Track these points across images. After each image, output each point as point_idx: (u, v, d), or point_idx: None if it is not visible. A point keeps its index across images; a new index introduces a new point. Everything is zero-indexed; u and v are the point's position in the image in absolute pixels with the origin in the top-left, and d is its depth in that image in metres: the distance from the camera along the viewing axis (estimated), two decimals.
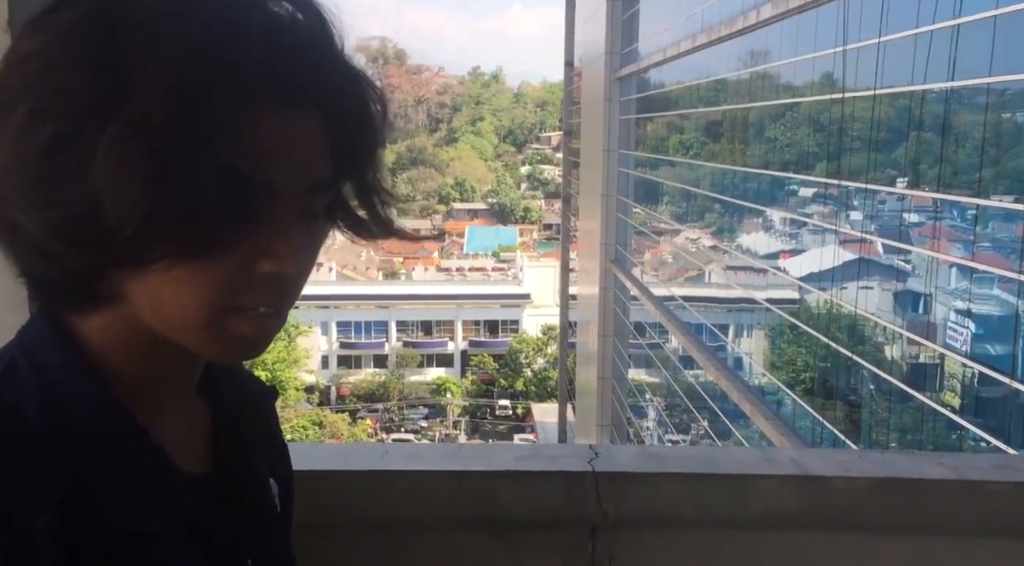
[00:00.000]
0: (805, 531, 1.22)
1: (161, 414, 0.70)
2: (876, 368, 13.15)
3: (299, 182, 0.64)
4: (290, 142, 0.63)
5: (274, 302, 0.66)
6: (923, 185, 12.22)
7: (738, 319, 20.20)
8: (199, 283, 0.62)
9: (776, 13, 16.85)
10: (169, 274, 0.61)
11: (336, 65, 0.66)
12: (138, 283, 0.63)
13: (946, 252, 11.77)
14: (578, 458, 1.23)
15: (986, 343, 10.94)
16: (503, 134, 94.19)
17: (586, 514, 1.20)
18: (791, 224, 17.12)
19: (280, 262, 0.64)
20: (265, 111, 0.61)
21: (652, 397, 26.78)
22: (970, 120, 11.23)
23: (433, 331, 50.16)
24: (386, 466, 1.22)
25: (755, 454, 1.31)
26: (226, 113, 0.59)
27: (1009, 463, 1.26)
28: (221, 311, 0.64)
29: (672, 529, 1.22)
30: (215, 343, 0.66)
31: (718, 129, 22.07)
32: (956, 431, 11.10)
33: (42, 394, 0.64)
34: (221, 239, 0.61)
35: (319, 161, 0.66)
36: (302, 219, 0.66)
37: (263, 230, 0.63)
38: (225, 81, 0.59)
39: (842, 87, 14.40)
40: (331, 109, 0.65)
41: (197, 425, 0.76)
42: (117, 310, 0.66)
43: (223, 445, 0.77)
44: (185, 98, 0.58)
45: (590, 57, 37.31)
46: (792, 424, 15.70)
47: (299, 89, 0.62)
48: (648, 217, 28.54)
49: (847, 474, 1.20)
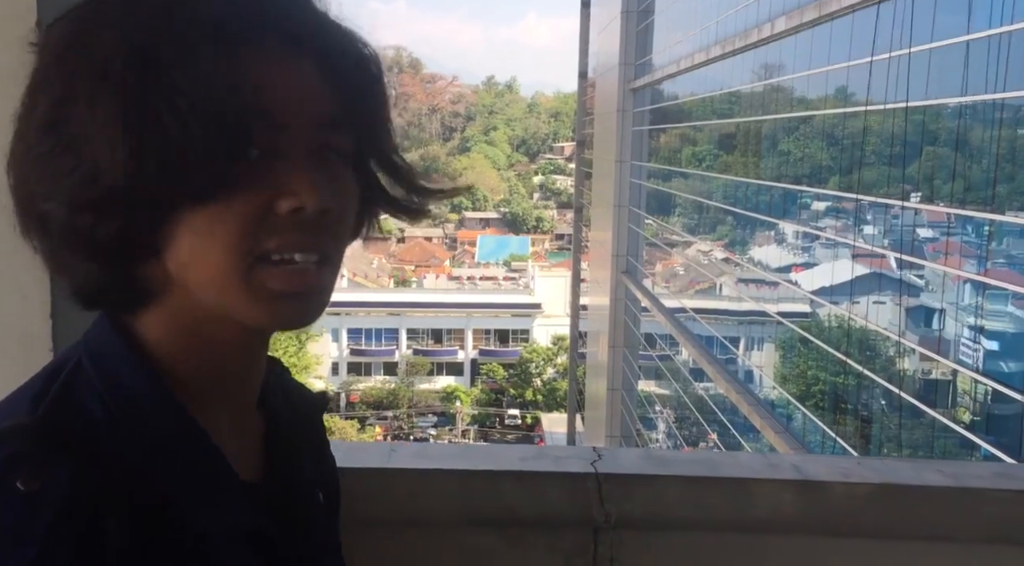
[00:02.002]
0: (805, 535, 1.23)
1: (220, 422, 0.70)
2: (888, 383, 13.07)
3: (302, 117, 0.64)
4: (282, 77, 0.63)
5: (307, 245, 0.64)
6: (937, 200, 12.18)
7: (749, 332, 20.13)
8: (221, 230, 0.62)
9: (790, 26, 16.85)
10: (192, 228, 0.62)
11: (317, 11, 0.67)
12: (172, 251, 0.63)
13: (960, 268, 11.71)
14: (582, 460, 1.25)
15: (999, 360, 10.87)
16: (516, 144, 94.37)
17: (589, 515, 1.21)
18: (804, 237, 17.08)
19: (299, 198, 0.63)
20: (244, 47, 0.62)
21: (662, 409, 26.69)
22: (985, 135, 11.19)
23: (443, 339, 50.17)
24: (393, 464, 1.24)
25: (757, 459, 1.32)
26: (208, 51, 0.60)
27: (1008, 471, 1.27)
28: (249, 257, 0.63)
29: (673, 531, 1.24)
30: (256, 302, 0.64)
31: (731, 141, 22.05)
32: (968, 448, 11.02)
33: (107, 396, 0.64)
34: (227, 176, 0.61)
35: (320, 98, 0.65)
36: (317, 156, 0.65)
37: (276, 168, 0.63)
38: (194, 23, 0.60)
39: (859, 101, 14.38)
40: (322, 50, 0.66)
41: (252, 435, 0.76)
42: (165, 303, 0.66)
43: (275, 455, 0.77)
44: (146, 44, 0.59)
45: (604, 68, 37.37)
46: (802, 438, 15.62)
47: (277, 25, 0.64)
48: (660, 229, 28.51)
49: (847, 480, 1.21)
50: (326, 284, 0.67)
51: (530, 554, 1.24)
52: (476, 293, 54.46)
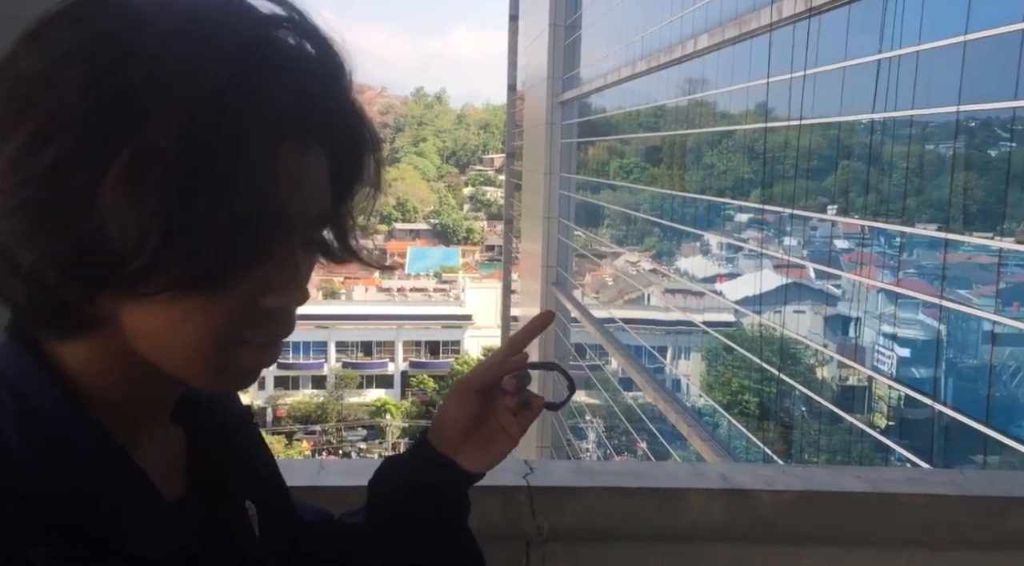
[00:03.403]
0: (732, 543, 1.26)
1: (139, 439, 0.68)
2: (808, 390, 13.49)
3: (308, 216, 0.64)
4: (303, 177, 0.62)
5: (284, 333, 0.65)
6: (852, 212, 12.66)
7: (676, 341, 20.52)
8: (203, 317, 0.60)
9: (712, 43, 17.33)
10: (172, 306, 0.59)
11: (348, 101, 0.66)
12: (134, 313, 0.61)
13: (874, 278, 12.18)
14: (513, 473, 1.25)
15: (911, 366, 11.32)
16: (446, 155, 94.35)
17: (521, 528, 1.21)
18: (728, 248, 17.52)
19: (286, 295, 0.63)
20: (282, 148, 0.60)
21: (592, 418, 26.95)
22: (897, 150, 11.69)
23: (373, 352, 49.64)
24: (322, 482, 1.23)
25: (685, 468, 1.35)
26: (247, 151, 0.57)
27: (921, 476, 1.32)
28: (223, 344, 0.62)
29: (605, 542, 1.25)
30: (213, 375, 0.64)
31: (658, 154, 22.51)
32: (883, 452, 11.44)
33: (24, 422, 0.62)
34: (230, 274, 0.60)
35: (324, 193, 0.65)
36: (304, 251, 0.65)
37: (270, 264, 0.62)
38: (248, 118, 0.57)
39: (778, 116, 14.86)
40: (337, 143, 0.65)
41: (172, 449, 0.74)
42: (102, 336, 0.63)
43: (199, 470, 0.75)
44: (204, 133, 0.56)
45: (533, 81, 37.73)
46: (728, 445, 15.97)
47: (316, 126, 0.62)
48: (589, 240, 28.87)
49: (771, 487, 1.24)
50: (275, 358, 0.67)
51: None
52: (406, 305, 54.10)
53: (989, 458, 9.46)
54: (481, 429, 0.91)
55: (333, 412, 45.58)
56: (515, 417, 0.91)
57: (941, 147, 10.87)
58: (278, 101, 0.58)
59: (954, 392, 10.38)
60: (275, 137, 0.59)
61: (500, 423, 0.91)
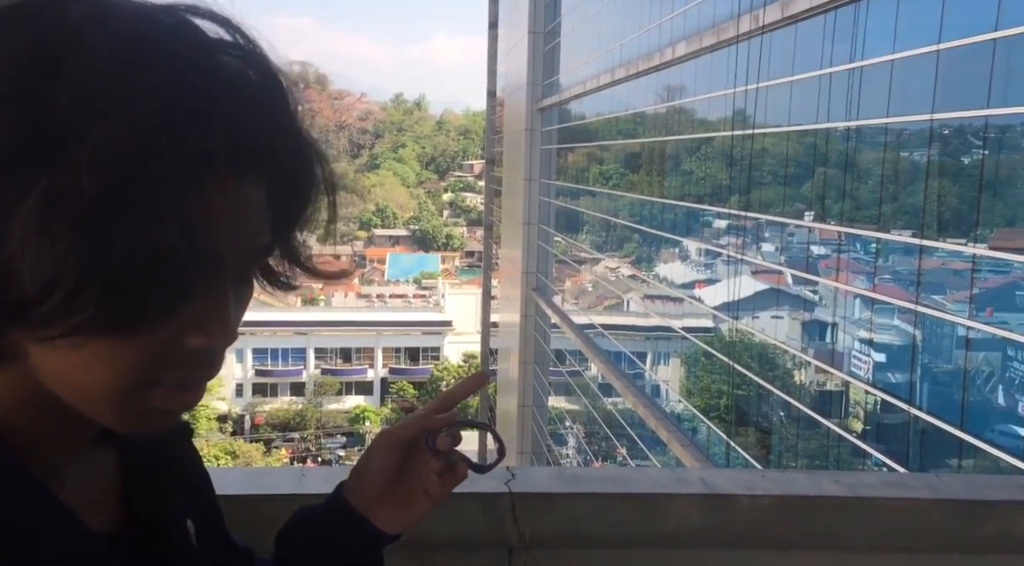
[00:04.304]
0: (713, 548, 1.27)
1: (65, 468, 0.63)
2: (785, 395, 13.59)
3: (240, 252, 0.59)
4: (236, 213, 0.57)
5: (206, 375, 0.61)
6: (829, 219, 12.79)
7: (656, 347, 20.60)
8: (117, 358, 0.56)
9: (690, 50, 17.45)
10: (81, 348, 0.54)
11: (290, 132, 0.61)
12: (43, 350, 0.55)
13: (850, 283, 12.30)
14: (496, 479, 1.25)
15: (887, 371, 11.44)
16: (425, 161, 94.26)
17: (503, 535, 1.22)
18: (706, 255, 17.63)
19: (212, 337, 0.58)
20: (214, 181, 0.55)
21: (572, 424, 26.96)
22: (872, 158, 11.83)
23: (352, 358, 49.41)
24: (303, 490, 1.22)
25: (666, 474, 1.36)
26: (173, 186, 0.52)
27: (899, 480, 1.34)
28: (139, 386, 0.58)
29: (586, 548, 1.25)
30: (124, 416, 0.59)
31: (637, 161, 22.62)
32: (860, 456, 11.54)
33: None
34: (150, 318, 0.55)
35: (260, 228, 0.60)
36: (235, 287, 0.60)
37: (197, 303, 0.57)
38: (178, 150, 0.52)
39: (756, 123, 14.99)
40: (279, 177, 0.60)
41: (103, 476, 0.70)
42: (10, 370, 0.58)
43: (135, 496, 0.71)
44: (128, 167, 0.51)
45: (512, 87, 37.80)
46: (707, 450, 16.04)
47: (255, 159, 0.57)
48: (569, 246, 28.93)
49: (751, 492, 1.25)
50: (196, 402, 0.62)
51: None
52: (386, 311, 53.93)
53: (964, 462, 9.57)
54: (401, 486, 0.86)
55: (312, 419, 45.30)
56: (439, 479, 0.86)
57: (915, 154, 11.01)
58: (212, 132, 0.54)
59: (929, 397, 10.50)
60: (206, 171, 0.54)
61: (422, 482, 0.86)
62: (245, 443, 41.05)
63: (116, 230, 0.51)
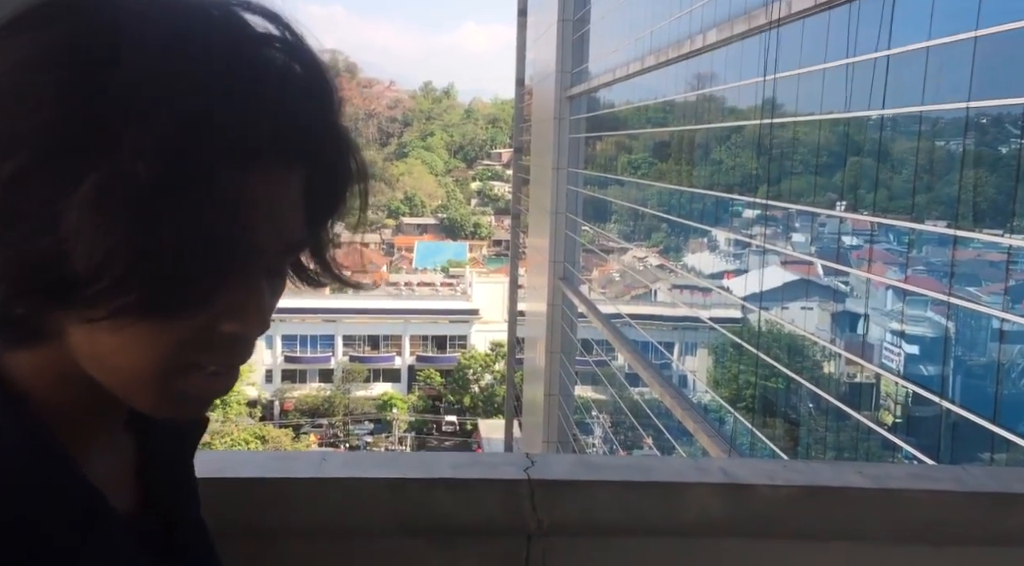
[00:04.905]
0: (733, 538, 1.26)
1: (90, 452, 0.65)
2: (814, 386, 13.46)
3: (278, 244, 0.61)
4: (278, 204, 0.59)
5: (239, 361, 0.63)
6: (861, 209, 12.61)
7: (683, 337, 20.50)
8: (157, 341, 0.58)
9: (721, 38, 17.26)
10: (120, 330, 0.57)
11: (333, 127, 0.63)
12: (83, 331, 0.58)
13: (882, 275, 12.13)
14: (514, 466, 1.25)
15: (919, 363, 11.29)
16: (454, 150, 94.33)
17: (522, 522, 1.21)
18: (736, 245, 17.48)
19: (246, 324, 0.60)
20: (259, 173, 0.57)
21: (598, 414, 26.95)
22: (906, 147, 11.63)
23: (380, 346, 49.76)
24: (324, 474, 1.23)
25: (686, 463, 1.35)
26: (221, 177, 0.54)
27: (925, 472, 1.32)
28: (175, 371, 0.60)
29: (604, 536, 1.25)
30: (160, 401, 0.62)
31: (666, 150, 22.46)
32: (890, 449, 11.41)
33: None
34: (190, 303, 0.57)
35: (298, 221, 0.62)
36: (270, 279, 0.63)
37: (234, 291, 0.59)
38: (227, 141, 0.54)
39: (787, 112, 14.80)
40: (320, 171, 0.63)
41: (123, 460, 0.71)
42: (48, 349, 0.60)
43: (153, 482, 0.72)
44: (180, 158, 0.53)
45: (541, 75, 37.66)
46: (733, 441, 15.96)
47: (299, 152, 0.59)
48: (596, 235, 28.84)
49: (772, 482, 1.24)
50: (228, 388, 0.65)
51: (462, 561, 1.23)
52: (413, 299, 54.19)
53: (996, 456, 9.42)
54: None
55: (340, 406, 45.75)
56: None
57: (951, 143, 10.81)
58: (258, 126, 0.56)
59: (962, 390, 10.35)
60: (253, 162, 0.56)
61: None
62: (274, 428, 41.56)
63: (167, 217, 0.53)
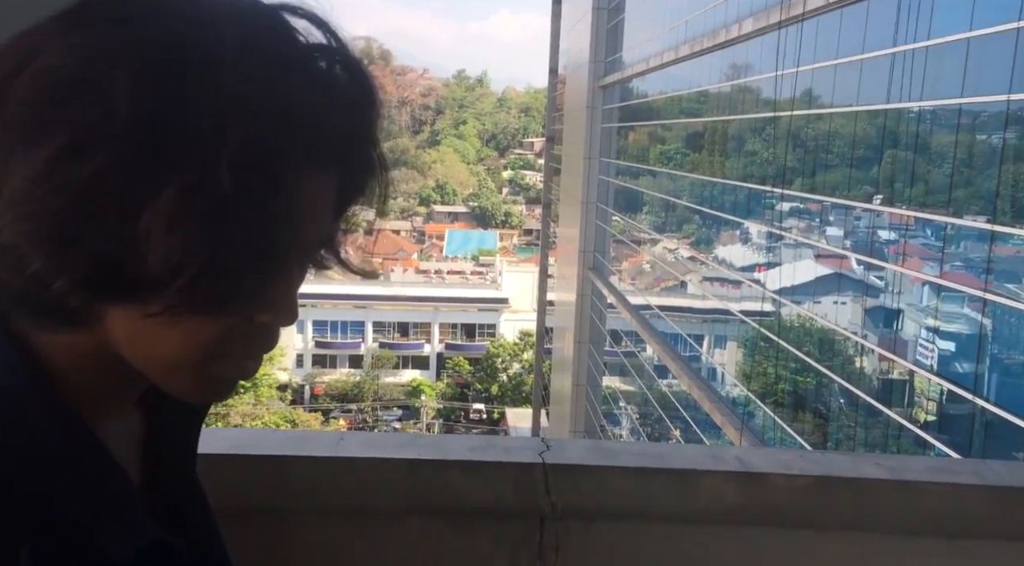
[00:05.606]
0: (746, 526, 1.26)
1: (106, 425, 0.66)
2: (846, 382, 13.30)
3: (317, 240, 0.65)
4: (320, 208, 0.62)
5: (269, 348, 0.66)
6: (898, 203, 12.41)
7: (713, 330, 20.35)
8: (202, 332, 0.60)
9: (757, 27, 17.03)
10: (169, 322, 0.58)
11: (372, 138, 0.65)
12: (128, 319, 0.59)
13: (919, 270, 11.94)
14: (529, 450, 1.26)
15: (954, 361, 11.10)
16: (486, 138, 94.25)
17: (535, 505, 1.23)
18: (768, 237, 17.30)
19: (280, 316, 0.64)
20: (312, 180, 0.60)
21: (626, 405, 26.88)
22: (944, 140, 11.41)
23: (410, 333, 50.03)
24: (341, 453, 1.25)
25: (702, 451, 1.35)
26: (287, 181, 0.57)
27: (945, 466, 1.31)
28: (214, 358, 0.62)
29: (618, 521, 1.25)
30: (194, 387, 0.64)
31: (699, 140, 22.24)
32: (922, 447, 11.25)
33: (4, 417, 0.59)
34: (246, 296, 0.60)
35: (329, 217, 0.65)
36: (299, 269, 0.65)
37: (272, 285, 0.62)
38: (297, 151, 0.57)
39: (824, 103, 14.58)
40: (354, 176, 0.65)
41: (132, 433, 0.73)
42: (85, 333, 0.61)
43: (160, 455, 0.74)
44: (255, 163, 0.54)
45: (574, 65, 37.46)
46: (762, 436, 15.84)
47: (340, 161, 0.62)
48: (627, 226, 28.68)
49: (788, 472, 1.24)
50: (255, 371, 0.68)
51: (476, 543, 1.25)
52: (443, 287, 54.35)
53: None
54: None
55: (369, 391, 46.13)
56: None
57: (992, 137, 10.58)
58: (318, 133, 0.58)
59: (997, 388, 10.17)
60: (309, 171, 0.59)
61: None
62: (304, 412, 42.04)
63: (241, 224, 0.55)
